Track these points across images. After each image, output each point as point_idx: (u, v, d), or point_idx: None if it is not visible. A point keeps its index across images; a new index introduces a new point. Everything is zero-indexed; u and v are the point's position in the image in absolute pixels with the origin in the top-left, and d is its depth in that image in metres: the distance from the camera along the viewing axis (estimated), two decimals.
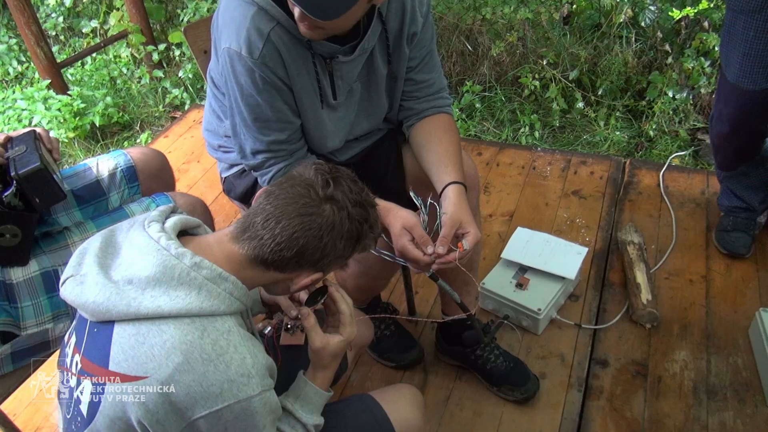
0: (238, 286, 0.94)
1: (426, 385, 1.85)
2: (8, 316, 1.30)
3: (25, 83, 4.01)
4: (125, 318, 0.89)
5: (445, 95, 1.56)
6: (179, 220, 1.02)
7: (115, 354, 0.89)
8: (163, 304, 0.88)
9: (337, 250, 0.97)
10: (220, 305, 0.91)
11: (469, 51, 3.36)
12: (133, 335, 0.88)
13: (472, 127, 3.19)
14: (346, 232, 0.96)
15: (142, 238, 0.94)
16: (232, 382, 0.87)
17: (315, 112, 1.40)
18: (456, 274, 1.41)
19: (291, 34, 1.27)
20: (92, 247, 0.97)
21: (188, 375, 0.86)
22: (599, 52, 3.19)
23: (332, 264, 1.00)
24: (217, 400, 0.87)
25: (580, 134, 3.06)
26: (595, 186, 2.58)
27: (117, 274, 0.92)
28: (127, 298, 0.89)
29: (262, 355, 0.94)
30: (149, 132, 3.52)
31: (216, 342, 0.88)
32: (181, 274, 0.90)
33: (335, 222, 0.95)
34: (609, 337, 1.93)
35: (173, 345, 0.87)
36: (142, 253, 0.92)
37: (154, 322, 0.88)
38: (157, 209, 1.03)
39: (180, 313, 0.88)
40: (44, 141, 1.43)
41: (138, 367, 0.87)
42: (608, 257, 2.22)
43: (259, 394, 0.90)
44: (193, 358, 0.86)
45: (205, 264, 0.92)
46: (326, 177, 0.97)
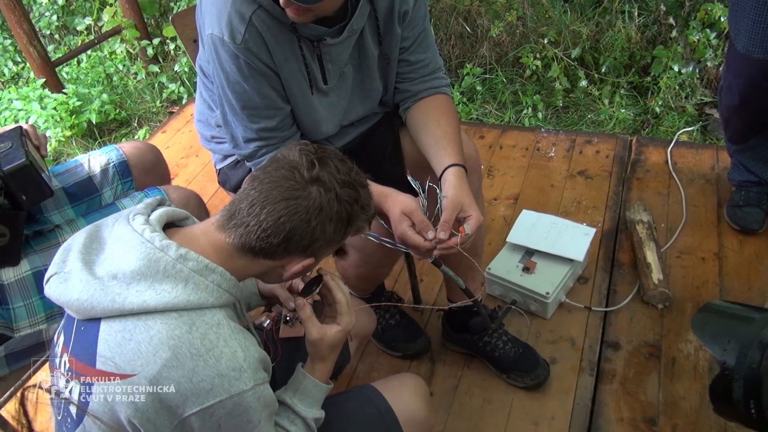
0: (226, 278, 0.91)
1: (434, 374, 1.81)
2: (1, 318, 1.27)
3: (21, 83, 3.98)
4: (110, 314, 0.86)
5: (441, 75, 1.50)
6: (165, 212, 0.98)
7: (102, 352, 0.86)
8: (149, 298, 0.85)
9: (327, 234, 0.93)
10: (209, 298, 0.88)
11: (467, 33, 3.30)
12: (119, 332, 0.85)
13: (474, 111, 3.13)
14: (335, 214, 0.92)
15: (126, 231, 0.91)
16: (223, 377, 0.84)
17: (305, 97, 1.35)
18: (460, 260, 1.37)
19: (275, 18, 1.22)
20: (76, 244, 0.93)
21: (177, 371, 0.83)
22: (601, 29, 3.11)
23: (324, 249, 0.96)
24: (208, 396, 0.83)
25: (585, 113, 3.00)
26: (601, 165, 2.52)
27: (101, 269, 0.89)
28: (112, 293, 0.85)
29: (254, 348, 0.90)
30: (147, 128, 3.48)
31: (205, 336, 0.85)
32: (167, 267, 0.86)
33: (323, 204, 0.91)
34: (620, 319, 1.88)
35: (160, 340, 0.83)
36: (126, 247, 0.89)
37: (141, 318, 0.85)
38: (143, 202, 1.00)
39: (167, 308, 0.85)
40: (31, 137, 1.40)
41: (125, 364, 0.84)
42: (617, 237, 2.17)
43: (251, 388, 0.87)
44: (182, 354, 0.83)
45: (191, 256, 0.88)
46: (311, 158, 0.92)
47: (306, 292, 1.09)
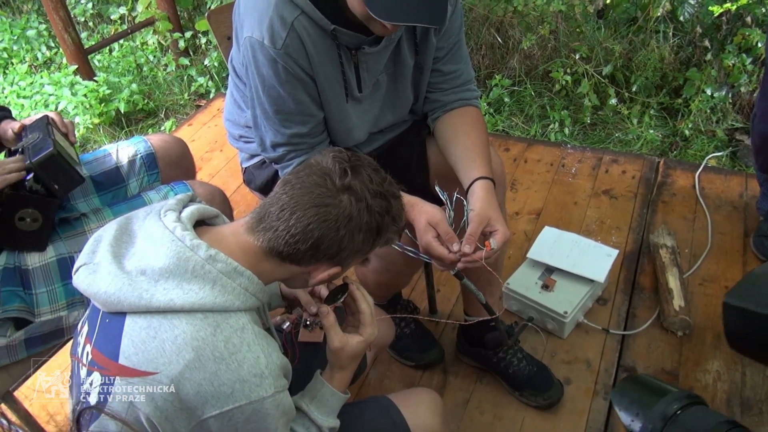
0: (253, 282, 0.90)
1: (445, 386, 1.80)
2: (22, 303, 1.28)
3: (54, 68, 4.03)
4: (136, 310, 0.86)
5: (472, 87, 1.50)
6: (196, 209, 0.98)
7: (126, 347, 0.86)
8: (176, 297, 0.85)
9: (355, 244, 0.92)
10: (235, 301, 0.88)
11: (499, 44, 3.28)
12: (144, 329, 0.85)
13: (500, 122, 3.11)
14: (365, 224, 0.91)
15: (158, 227, 0.91)
16: (244, 382, 0.84)
17: (339, 105, 1.35)
18: (480, 273, 1.36)
19: (316, 24, 1.22)
20: (107, 235, 0.94)
21: (199, 373, 0.82)
22: (634, 47, 3.08)
23: (351, 258, 0.96)
24: (228, 400, 0.83)
25: (612, 132, 2.96)
26: (626, 186, 2.49)
27: (130, 264, 0.89)
28: (139, 289, 0.85)
29: (276, 355, 0.90)
30: (174, 120, 3.51)
31: (229, 339, 0.85)
32: (195, 267, 0.86)
33: (352, 213, 0.90)
34: (638, 344, 1.85)
35: (185, 341, 0.83)
36: (157, 243, 0.89)
37: (166, 316, 0.85)
38: (175, 198, 1.00)
39: (193, 308, 0.85)
40: (58, 125, 1.41)
41: (148, 362, 0.84)
42: (639, 260, 2.14)
43: (271, 395, 0.86)
44: (205, 356, 0.83)
45: (220, 257, 0.88)
46: (344, 166, 0.91)
47: (330, 299, 1.08)
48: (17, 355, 1.32)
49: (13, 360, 1.32)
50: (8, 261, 1.28)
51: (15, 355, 1.32)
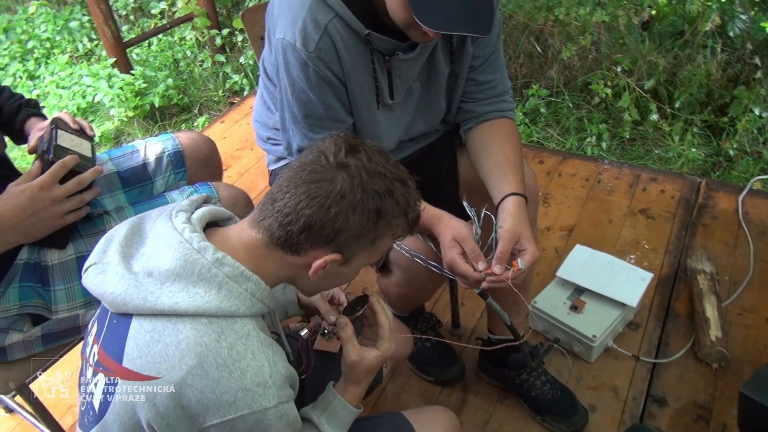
0: (260, 287, 0.87)
1: (464, 404, 1.74)
2: (40, 299, 1.27)
3: (93, 60, 4.09)
4: (142, 312, 0.84)
5: (508, 98, 1.44)
6: (208, 211, 0.95)
7: (130, 350, 0.84)
8: (181, 300, 0.82)
9: (350, 225, 0.86)
10: (240, 306, 0.85)
11: (537, 53, 3.21)
12: (149, 332, 0.83)
13: (535, 133, 3.04)
14: (359, 203, 0.85)
15: (167, 228, 0.88)
16: (246, 392, 0.80)
17: (370, 111, 1.31)
18: (506, 292, 1.30)
19: (350, 28, 1.18)
20: (118, 235, 0.92)
21: (201, 380, 0.80)
22: (680, 62, 2.97)
23: (352, 245, 0.89)
24: (230, 409, 0.80)
25: (652, 148, 2.86)
26: (665, 206, 2.39)
27: (138, 265, 0.87)
28: (145, 291, 0.83)
29: (282, 364, 0.86)
30: (207, 116, 3.52)
31: (233, 346, 0.82)
32: (202, 270, 0.84)
33: (345, 190, 0.84)
34: (670, 374, 1.77)
35: (188, 346, 0.80)
36: (165, 244, 0.87)
37: (171, 320, 0.82)
38: (189, 199, 0.98)
39: (198, 312, 0.82)
40: (70, 124, 1.39)
41: (150, 366, 0.81)
42: (675, 285, 2.05)
43: (275, 406, 0.83)
44: (208, 363, 0.80)
45: (227, 261, 0.85)
46: (341, 144, 0.88)
47: (349, 311, 1.05)
48: (34, 349, 1.31)
49: (30, 354, 1.32)
50: (29, 256, 1.27)
51: (31, 349, 1.31)
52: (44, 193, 1.18)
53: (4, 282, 1.23)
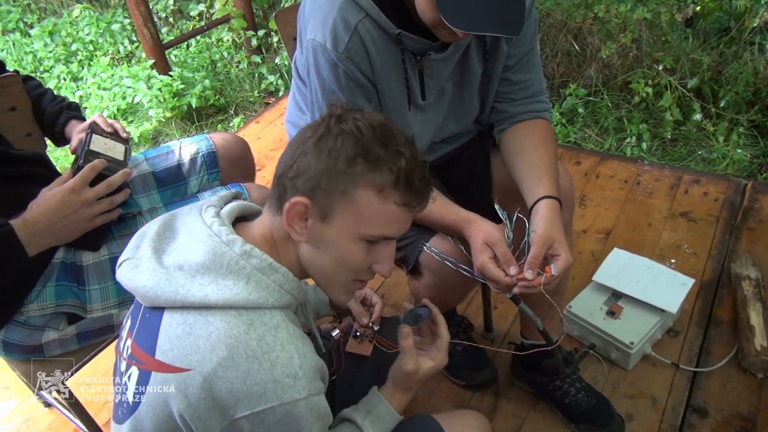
0: (288, 278, 0.88)
1: (496, 409, 1.71)
2: (76, 298, 1.30)
3: (134, 62, 4.18)
4: (173, 305, 0.85)
5: (543, 99, 1.41)
6: (237, 206, 0.97)
7: (162, 343, 0.85)
8: (211, 293, 0.83)
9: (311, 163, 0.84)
10: (269, 297, 0.85)
11: (576, 51, 3.14)
12: (180, 324, 0.84)
13: (573, 134, 2.97)
14: (320, 139, 0.85)
15: (197, 223, 0.90)
16: (276, 383, 0.80)
17: (400, 112, 1.29)
18: (539, 296, 1.27)
19: (381, 28, 1.17)
20: (150, 231, 0.94)
21: (231, 371, 0.80)
22: (725, 60, 2.87)
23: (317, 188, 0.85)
24: (260, 401, 0.80)
25: (695, 149, 2.77)
26: (708, 209, 2.31)
27: (169, 259, 0.88)
28: (176, 284, 0.85)
29: (311, 356, 0.86)
30: (242, 116, 3.56)
31: (262, 338, 0.82)
32: (230, 263, 0.85)
33: (312, 131, 0.86)
34: (711, 383, 1.70)
35: (218, 338, 0.81)
36: (195, 238, 0.88)
37: (201, 312, 0.83)
38: (218, 194, 0.99)
39: (227, 304, 0.83)
40: (104, 128, 1.41)
41: (182, 358, 0.82)
42: (717, 291, 1.97)
43: (305, 398, 0.82)
44: (238, 354, 0.80)
45: (255, 253, 0.86)
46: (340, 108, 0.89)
47: (411, 320, 1.05)
48: (69, 347, 1.34)
49: (66, 350, 1.34)
50: (65, 256, 1.30)
51: (67, 347, 1.34)
52: (75, 195, 1.21)
53: (41, 280, 1.26)
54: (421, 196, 0.89)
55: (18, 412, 1.91)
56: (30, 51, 4.44)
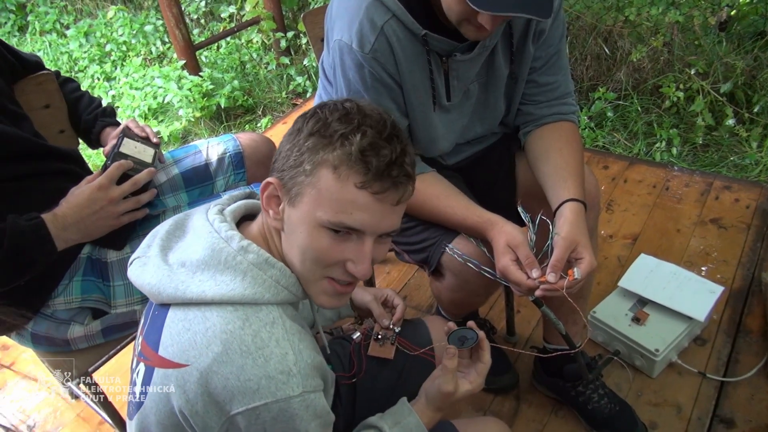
0: (285, 274, 0.87)
1: (517, 414, 1.70)
2: (101, 294, 1.32)
3: (165, 62, 4.26)
4: (173, 301, 0.86)
5: (570, 101, 1.39)
6: (244, 204, 0.97)
7: (165, 339, 0.86)
8: (208, 288, 0.84)
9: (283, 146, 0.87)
10: (265, 293, 0.85)
11: (606, 55, 3.10)
12: (181, 321, 0.85)
13: (601, 138, 2.93)
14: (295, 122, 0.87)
15: (200, 220, 0.92)
16: (270, 379, 0.80)
17: (425, 113, 1.30)
18: (562, 300, 1.25)
19: (407, 29, 1.17)
20: (161, 230, 0.95)
21: (226, 367, 0.80)
22: (760, 64, 2.81)
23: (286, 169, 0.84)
24: (254, 397, 0.80)
25: (727, 155, 2.71)
26: (739, 215, 2.26)
27: (174, 256, 0.89)
28: (176, 281, 0.85)
29: (308, 353, 0.84)
30: (270, 117, 3.60)
31: (257, 334, 0.82)
32: (228, 258, 0.85)
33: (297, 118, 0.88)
34: (739, 393, 1.66)
35: (214, 334, 0.81)
36: (198, 236, 0.89)
37: (200, 308, 0.84)
38: (228, 194, 1.00)
39: (223, 299, 0.83)
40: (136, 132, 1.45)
41: (181, 354, 0.82)
42: (747, 299, 1.93)
43: (299, 395, 0.81)
44: (232, 349, 0.80)
45: (252, 248, 0.86)
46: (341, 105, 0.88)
47: (457, 342, 1.05)
48: (95, 341, 1.36)
49: (92, 344, 1.37)
50: (91, 252, 1.33)
51: (93, 341, 1.36)
52: (101, 192, 1.24)
53: (68, 274, 1.29)
54: (385, 180, 0.81)
55: (46, 404, 1.96)
56: (66, 51, 4.55)
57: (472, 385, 1.02)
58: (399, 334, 1.24)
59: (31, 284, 1.24)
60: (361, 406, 1.21)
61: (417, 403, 1.04)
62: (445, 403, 1.02)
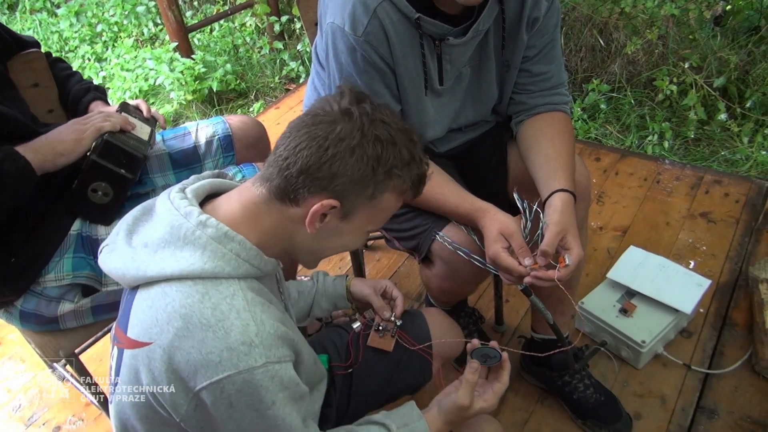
0: (245, 247, 0.86)
1: (503, 403, 1.71)
2: (92, 271, 1.32)
3: (157, 45, 4.21)
4: (137, 282, 0.85)
5: (563, 91, 1.39)
6: (209, 183, 0.95)
7: (132, 319, 0.85)
8: (167, 265, 0.83)
9: (347, 169, 0.83)
10: (225, 267, 0.83)
11: (600, 46, 3.10)
12: (145, 300, 0.84)
13: (594, 130, 2.94)
14: (357, 146, 0.83)
15: (163, 200, 0.90)
16: (231, 351, 0.79)
17: (418, 97, 1.29)
18: (551, 291, 1.26)
19: (400, 12, 1.16)
20: (130, 216, 0.94)
21: (188, 341, 0.79)
22: (753, 59, 2.81)
23: (349, 192, 0.86)
24: (216, 370, 0.79)
25: (718, 149, 2.72)
26: (728, 210, 2.28)
27: (138, 239, 0.89)
28: (138, 261, 0.85)
29: (270, 323, 0.83)
30: (262, 102, 3.57)
31: (217, 306, 0.81)
32: (186, 234, 0.84)
33: (344, 134, 0.83)
34: (723, 385, 1.68)
35: (174, 309, 0.80)
36: (160, 216, 0.88)
37: (161, 285, 0.83)
38: (197, 175, 0.98)
39: (182, 275, 0.82)
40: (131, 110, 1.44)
41: (144, 332, 0.82)
42: (734, 293, 1.94)
43: (262, 365, 0.80)
44: (192, 323, 0.79)
45: (210, 222, 0.85)
46: (347, 93, 0.87)
47: (481, 358, 1.05)
48: (84, 320, 1.36)
49: (81, 324, 1.36)
50: (82, 228, 1.32)
51: (82, 320, 1.35)
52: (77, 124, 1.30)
53: (59, 251, 1.28)
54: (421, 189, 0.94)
55: (33, 384, 1.95)
56: (56, 30, 4.49)
57: (487, 404, 1.03)
58: (399, 327, 1.24)
59: (21, 263, 1.24)
60: (356, 397, 1.21)
61: (428, 413, 1.04)
62: (457, 417, 1.02)
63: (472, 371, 1.02)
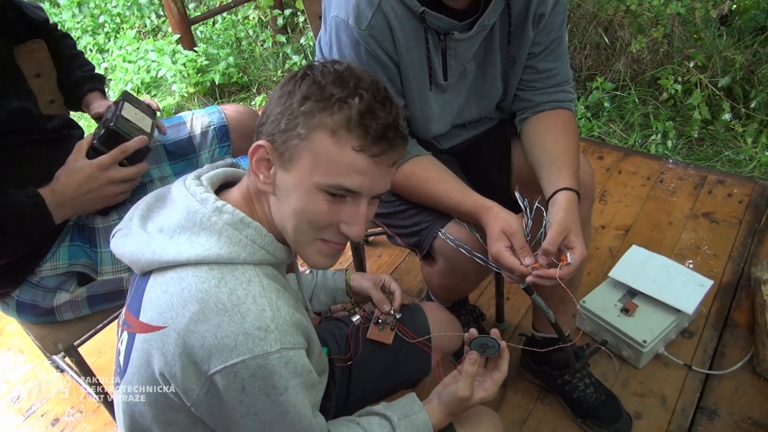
0: (261, 233, 0.87)
1: (503, 400, 1.70)
2: (88, 259, 1.31)
3: (160, 36, 4.19)
4: (151, 267, 0.86)
5: (568, 89, 1.38)
6: (224, 171, 0.97)
7: (145, 304, 0.85)
8: (183, 250, 0.83)
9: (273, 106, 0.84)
10: (240, 252, 0.84)
11: (605, 44, 3.08)
12: (160, 285, 0.84)
13: (597, 128, 2.92)
14: (285, 84, 0.84)
15: (178, 187, 0.91)
16: (247, 335, 0.79)
17: (421, 92, 1.28)
18: (553, 289, 1.25)
19: (405, 6, 1.15)
20: (143, 201, 0.95)
21: (203, 325, 0.79)
22: (759, 59, 2.80)
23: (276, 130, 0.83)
24: (231, 354, 0.79)
25: (722, 150, 2.71)
26: (731, 210, 2.27)
27: (152, 225, 0.90)
28: (153, 245, 0.85)
29: (286, 309, 0.83)
30: (264, 95, 3.56)
31: (233, 291, 0.81)
32: (203, 219, 0.85)
33: (284, 80, 0.86)
34: (723, 386, 1.68)
35: (190, 293, 0.81)
36: (175, 202, 0.89)
37: (176, 270, 0.84)
38: (210, 164, 0.99)
39: (198, 260, 0.82)
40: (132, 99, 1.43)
41: (159, 316, 0.82)
42: (736, 294, 1.94)
43: (277, 351, 0.80)
44: (209, 308, 0.79)
45: (226, 209, 0.85)
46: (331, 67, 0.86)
47: (480, 349, 1.05)
48: (81, 311, 1.35)
49: (77, 315, 1.36)
50: (78, 218, 1.32)
51: (78, 310, 1.35)
52: (102, 173, 1.24)
53: (57, 241, 1.28)
54: (383, 143, 0.82)
55: (31, 376, 1.95)
56: (58, 21, 4.46)
57: (487, 393, 1.03)
58: (399, 320, 1.24)
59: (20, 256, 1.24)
60: (355, 390, 1.21)
61: (428, 404, 1.04)
62: (458, 408, 1.02)
63: (472, 362, 1.01)
